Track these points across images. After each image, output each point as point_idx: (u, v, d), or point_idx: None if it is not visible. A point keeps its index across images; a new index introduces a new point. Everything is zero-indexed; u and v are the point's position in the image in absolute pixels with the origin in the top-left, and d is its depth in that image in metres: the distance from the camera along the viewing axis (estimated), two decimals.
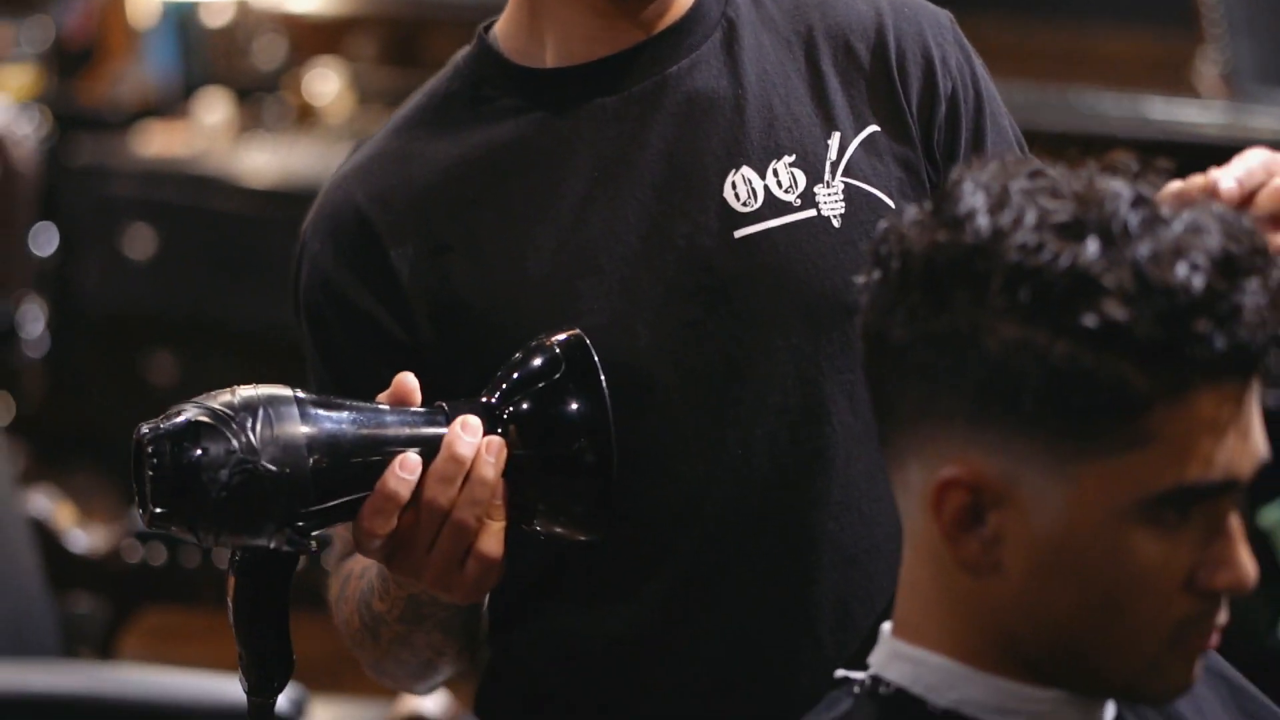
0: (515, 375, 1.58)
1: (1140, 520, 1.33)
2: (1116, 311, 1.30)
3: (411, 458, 1.51)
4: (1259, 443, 1.37)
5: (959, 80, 1.78)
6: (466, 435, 1.53)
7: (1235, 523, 1.37)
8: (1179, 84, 4.52)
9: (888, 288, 1.39)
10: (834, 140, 1.74)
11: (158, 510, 1.47)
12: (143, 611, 3.17)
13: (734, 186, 1.70)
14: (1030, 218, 1.34)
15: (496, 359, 1.61)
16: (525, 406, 1.56)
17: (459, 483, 1.52)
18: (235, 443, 1.46)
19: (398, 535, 1.53)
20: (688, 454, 1.71)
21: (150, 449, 1.47)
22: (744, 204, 1.70)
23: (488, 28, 1.80)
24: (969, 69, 1.80)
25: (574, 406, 1.56)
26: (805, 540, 1.69)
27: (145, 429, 1.48)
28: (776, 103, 1.74)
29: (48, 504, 3.21)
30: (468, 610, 1.71)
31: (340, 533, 1.73)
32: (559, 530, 1.60)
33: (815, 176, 1.71)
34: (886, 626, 1.46)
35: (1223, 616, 1.39)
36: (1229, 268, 1.32)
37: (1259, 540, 3.15)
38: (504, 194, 1.73)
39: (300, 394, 1.52)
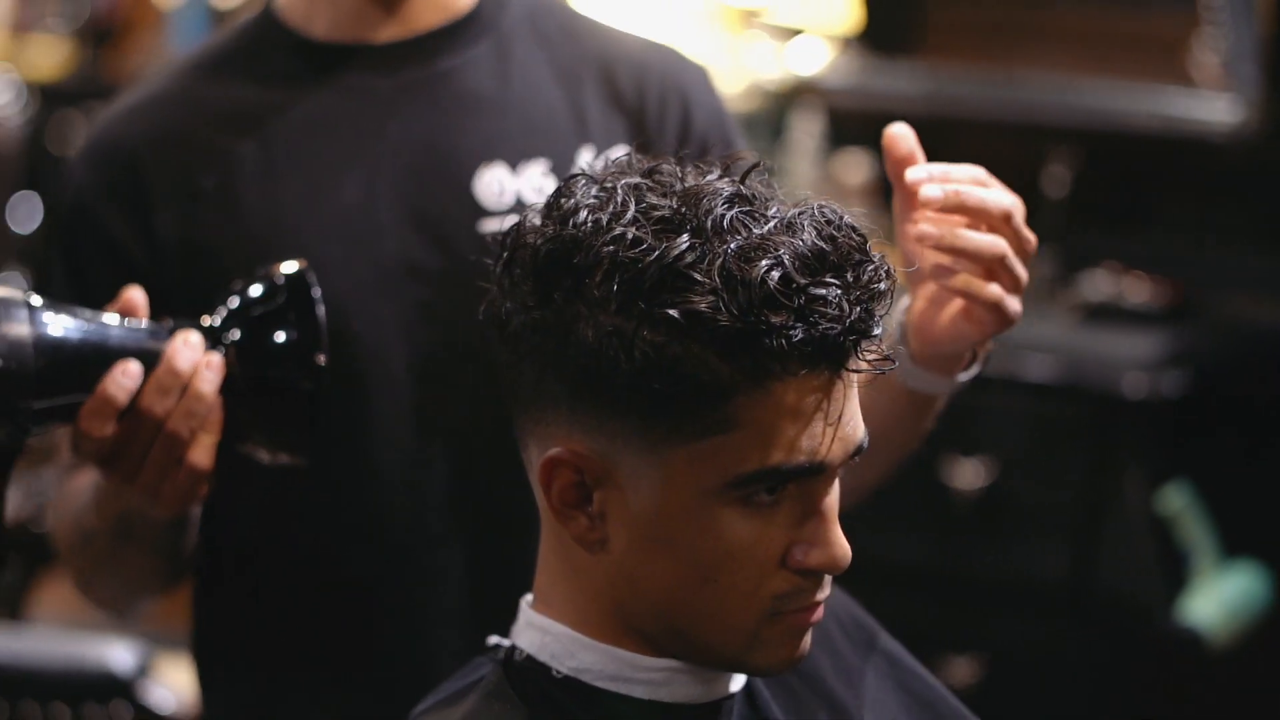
0: (239, 300, 1.67)
1: (729, 500, 1.40)
2: (700, 303, 1.36)
3: (133, 366, 1.59)
4: (852, 430, 1.43)
5: (711, 126, 1.91)
6: (187, 350, 1.61)
7: (829, 504, 1.44)
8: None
9: (506, 278, 1.47)
10: (586, 153, 1.84)
11: None
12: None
13: (485, 182, 1.80)
14: (630, 213, 1.41)
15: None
16: (244, 330, 1.65)
17: (176, 394, 1.60)
18: None
19: (113, 440, 1.61)
20: (407, 425, 1.80)
21: None
22: (494, 200, 1.80)
23: None
24: (722, 119, 1.94)
25: (290, 335, 1.65)
26: (517, 519, 1.76)
27: None
28: (536, 113, 1.85)
29: None
30: (174, 533, 1.80)
31: (64, 449, 1.81)
32: (265, 450, 1.68)
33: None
34: (527, 597, 1.54)
35: (822, 593, 1.46)
36: (812, 265, 1.38)
37: (1157, 526, 3.19)
38: (268, 150, 1.82)
39: (35, 299, 1.59)
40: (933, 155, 3.91)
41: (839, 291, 1.38)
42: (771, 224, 1.40)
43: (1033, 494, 3.30)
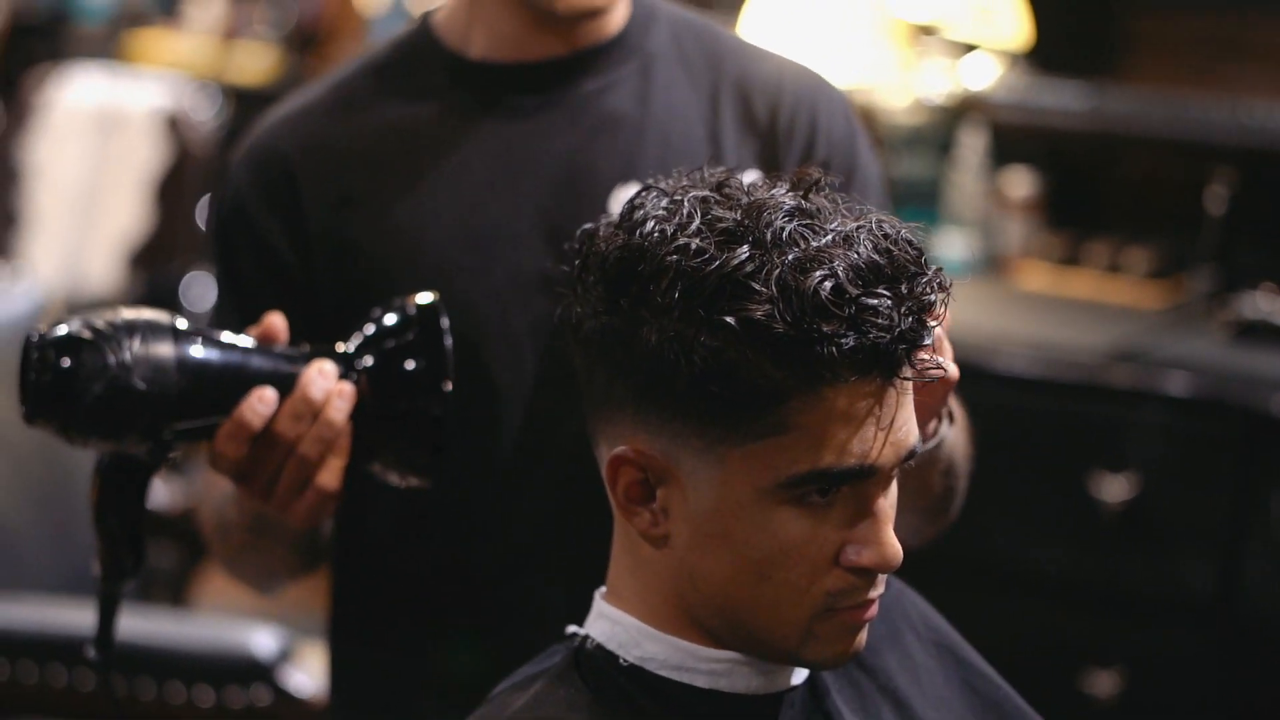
0: (373, 329, 1.76)
1: (784, 500, 1.47)
2: (757, 311, 1.44)
3: (268, 392, 1.70)
4: (904, 435, 1.49)
5: (836, 150, 1.95)
6: (321, 379, 1.71)
7: (882, 506, 1.50)
8: None
9: (579, 284, 1.55)
10: None
11: (33, 411, 1.64)
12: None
13: (620, 200, 1.87)
14: (695, 224, 1.49)
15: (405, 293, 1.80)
16: (376, 359, 1.75)
17: (309, 420, 1.71)
18: (111, 359, 1.62)
19: (248, 460, 1.71)
20: (532, 429, 1.89)
21: (35, 355, 1.63)
22: None
23: (432, 12, 1.99)
24: (850, 143, 1.97)
25: (420, 364, 1.74)
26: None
27: (34, 334, 1.65)
28: (674, 135, 1.92)
29: None
30: (309, 532, 1.91)
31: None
32: (393, 472, 1.78)
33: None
34: (601, 589, 1.62)
35: (875, 591, 1.52)
36: (866, 276, 1.45)
37: None
38: (415, 164, 1.92)
39: (179, 323, 1.69)
40: (1096, 173, 3.94)
41: (890, 302, 1.44)
42: (829, 237, 1.47)
43: (1178, 509, 3.31)
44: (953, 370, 1.63)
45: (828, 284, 1.43)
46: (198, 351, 1.68)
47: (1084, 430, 3.39)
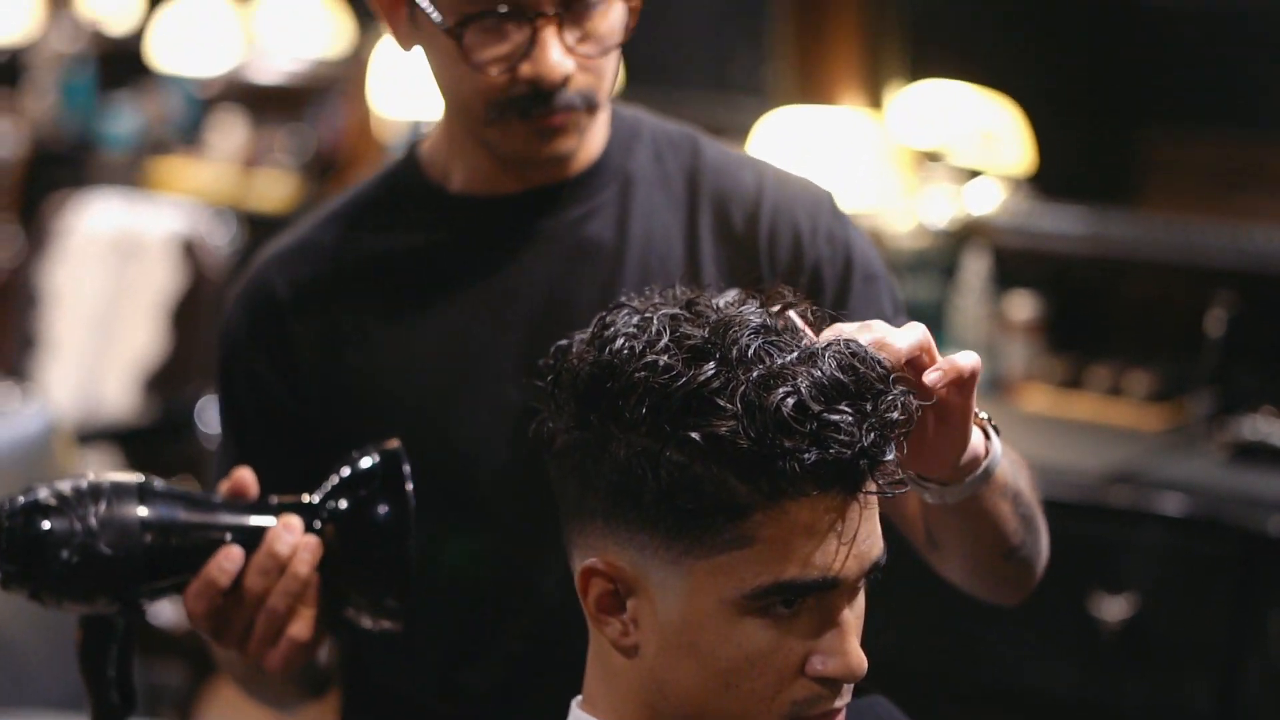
0: (337, 479, 1.81)
1: (749, 611, 1.49)
2: (721, 427, 1.47)
3: (234, 550, 1.75)
4: (868, 548, 1.52)
5: (824, 251, 1.96)
6: (286, 534, 1.76)
7: (847, 617, 1.53)
8: None
9: (552, 400, 1.59)
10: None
11: (3, 577, 1.70)
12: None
13: None
14: (664, 341, 1.52)
15: (373, 440, 1.84)
16: (342, 508, 1.79)
17: (275, 574, 1.76)
18: (77, 525, 1.69)
19: (219, 615, 1.76)
20: (523, 555, 1.93)
21: (5, 523, 1.69)
22: None
23: (419, 142, 2.02)
24: (842, 240, 1.97)
25: (383, 512, 1.78)
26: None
27: (3, 502, 1.71)
28: (654, 259, 1.94)
29: None
30: (305, 668, 1.94)
31: None
32: (365, 616, 1.81)
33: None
34: (577, 698, 1.65)
35: (841, 700, 1.54)
36: (829, 393, 1.48)
37: None
38: (401, 300, 1.95)
39: (146, 482, 1.74)
40: (1098, 297, 3.97)
41: (852, 418, 1.47)
42: (794, 354, 1.50)
43: (1177, 629, 3.32)
44: (968, 364, 1.62)
45: (790, 400, 1.46)
46: (164, 512, 1.73)
47: (1083, 551, 3.40)
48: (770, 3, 4.61)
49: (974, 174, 4.35)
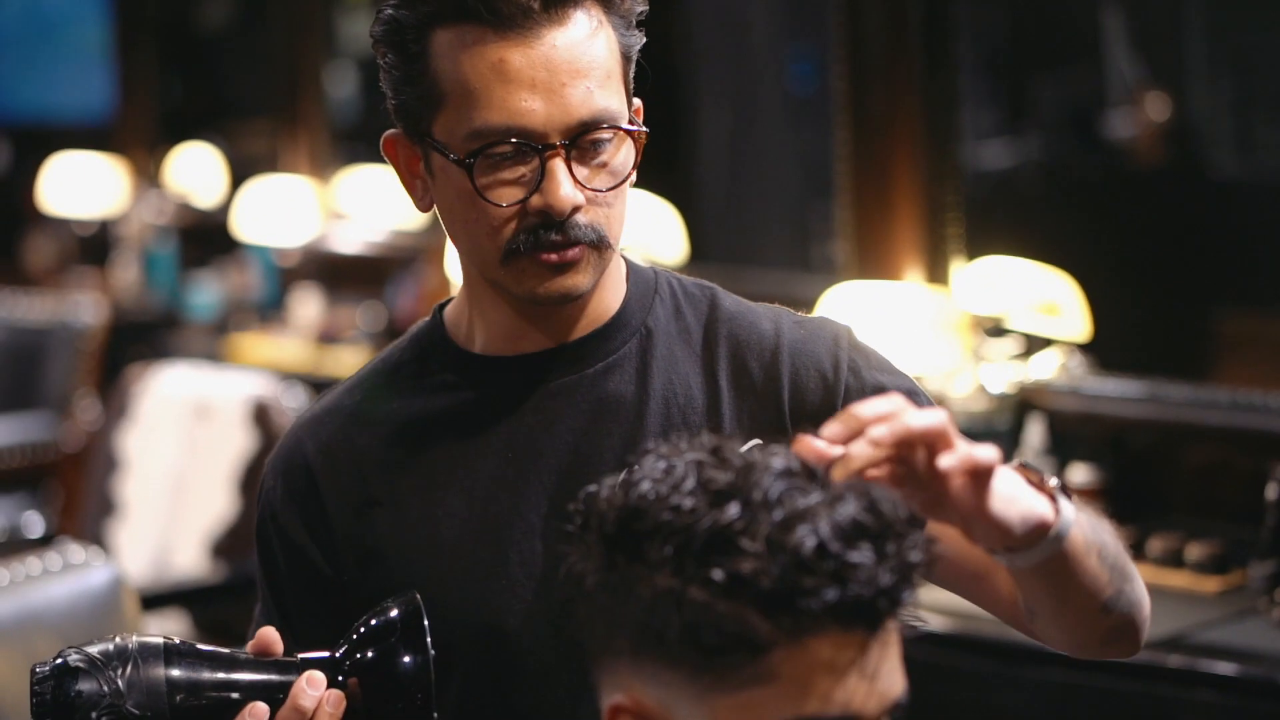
0: (360, 632, 1.85)
1: None
2: (743, 566, 1.52)
3: (260, 707, 1.79)
4: (890, 684, 1.56)
5: (851, 383, 1.99)
6: (310, 689, 1.80)
7: None
8: None
9: (581, 543, 1.64)
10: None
11: None
12: None
13: None
14: (689, 484, 1.57)
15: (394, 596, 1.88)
16: (365, 660, 1.83)
17: None
18: (106, 687, 1.75)
19: None
20: (554, 709, 1.97)
21: (36, 686, 1.76)
22: None
23: (445, 304, 2.08)
24: (867, 369, 2.00)
25: (406, 662, 1.82)
26: None
27: (36, 667, 1.77)
28: (675, 411, 1.98)
29: None
30: None
31: None
32: None
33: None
34: None
35: None
36: (849, 533, 1.52)
37: None
38: (429, 461, 2.00)
39: (172, 643, 1.80)
40: (1157, 461, 3.98)
41: (872, 559, 1.52)
42: (817, 496, 1.55)
43: None
44: (985, 457, 1.65)
45: (810, 541, 1.50)
46: (190, 671, 1.78)
47: (1140, 713, 3.41)
48: (838, 183, 4.69)
49: (1034, 343, 4.39)
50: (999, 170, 5.96)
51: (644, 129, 1.96)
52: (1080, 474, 4.07)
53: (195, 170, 7.95)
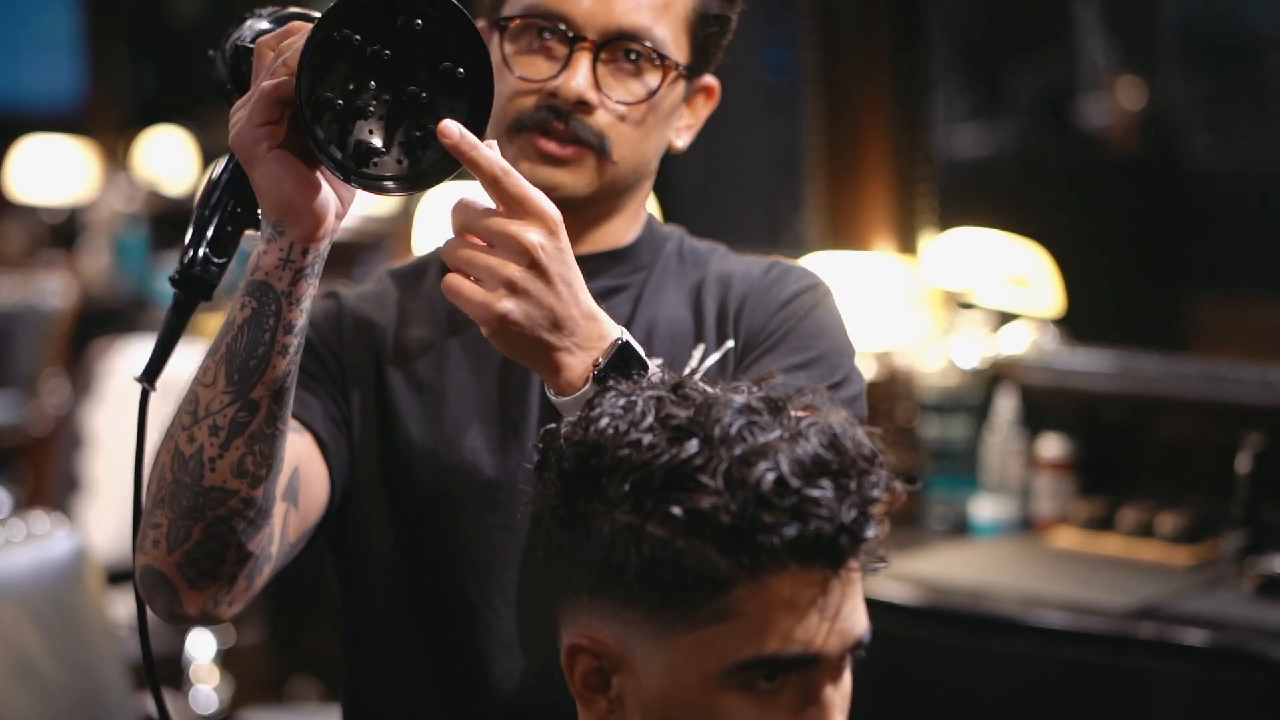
0: None
1: (731, 686, 1.51)
2: (703, 502, 1.50)
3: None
4: (853, 623, 1.54)
5: (774, 327, 2.06)
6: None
7: (829, 694, 1.54)
8: None
9: (540, 479, 1.62)
10: (698, 352, 2.04)
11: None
12: None
13: None
14: (648, 420, 1.55)
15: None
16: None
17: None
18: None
19: None
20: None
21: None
22: None
23: None
24: (793, 321, 2.06)
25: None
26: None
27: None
28: (661, 323, 2.07)
29: None
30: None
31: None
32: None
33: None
34: None
35: None
36: (809, 469, 1.50)
37: None
38: (443, 339, 2.08)
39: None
40: (1129, 433, 3.99)
41: (833, 494, 1.50)
42: (777, 433, 1.53)
43: None
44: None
45: (770, 475, 1.49)
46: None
47: (1111, 683, 3.40)
48: (808, 156, 4.69)
49: (1005, 317, 4.39)
50: (973, 158, 5.96)
51: (682, 67, 2.05)
52: (1053, 447, 4.06)
53: (165, 156, 7.93)
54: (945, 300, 4.38)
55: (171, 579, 1.83)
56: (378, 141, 1.73)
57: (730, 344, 2.04)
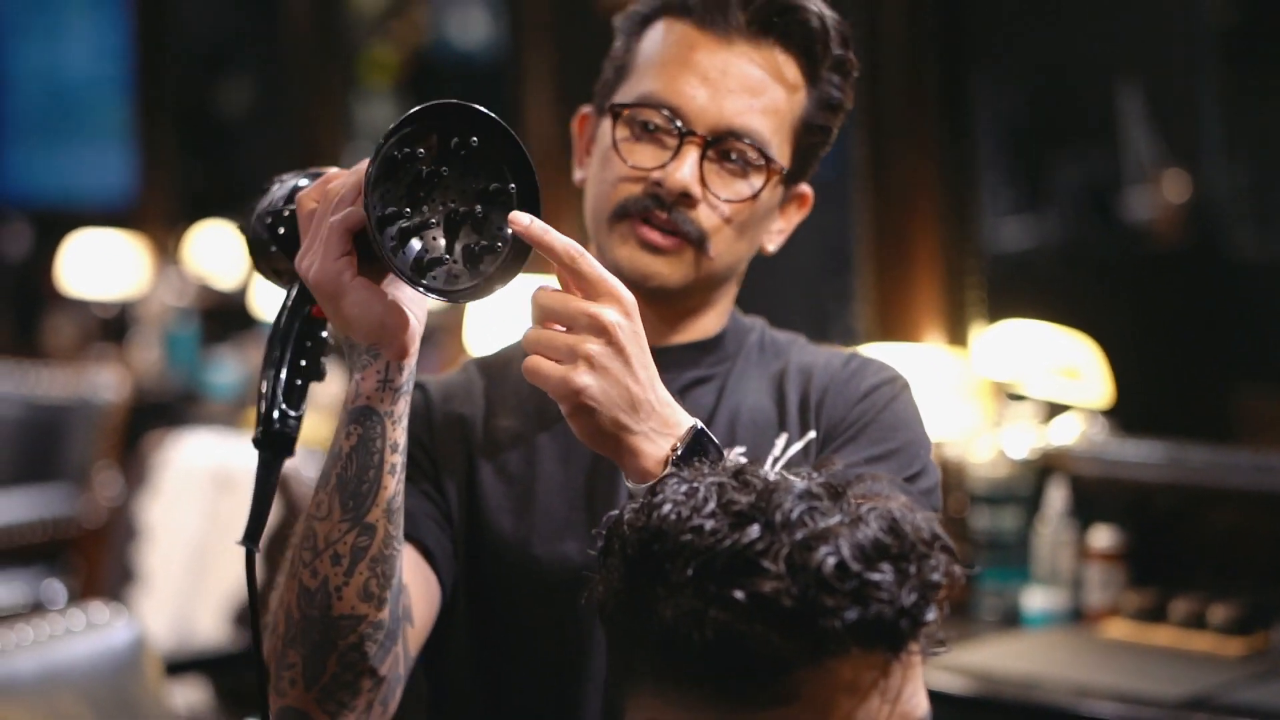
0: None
1: None
2: (765, 586, 1.51)
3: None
4: (913, 706, 1.55)
5: (854, 419, 2.08)
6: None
7: None
8: None
9: (604, 565, 1.64)
10: (780, 440, 2.07)
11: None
12: None
13: None
14: (710, 506, 1.57)
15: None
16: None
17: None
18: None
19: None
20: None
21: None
22: None
23: None
24: (870, 414, 2.09)
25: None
26: None
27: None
28: (744, 412, 2.09)
29: None
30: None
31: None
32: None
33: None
34: None
35: None
36: (870, 554, 1.52)
37: None
38: (534, 430, 2.11)
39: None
40: (1179, 524, 3.98)
41: (893, 579, 1.51)
42: (837, 517, 1.55)
43: None
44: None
45: (831, 560, 1.50)
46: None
47: None
48: (858, 249, 4.71)
49: (1054, 408, 4.40)
50: (1018, 250, 5.97)
51: (782, 167, 2.09)
52: (1103, 537, 4.06)
53: (215, 250, 7.99)
54: (995, 391, 4.40)
55: (313, 716, 1.87)
56: (442, 253, 1.79)
57: (813, 434, 2.07)
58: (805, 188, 2.17)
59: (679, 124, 2.03)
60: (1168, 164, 5.70)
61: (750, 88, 2.04)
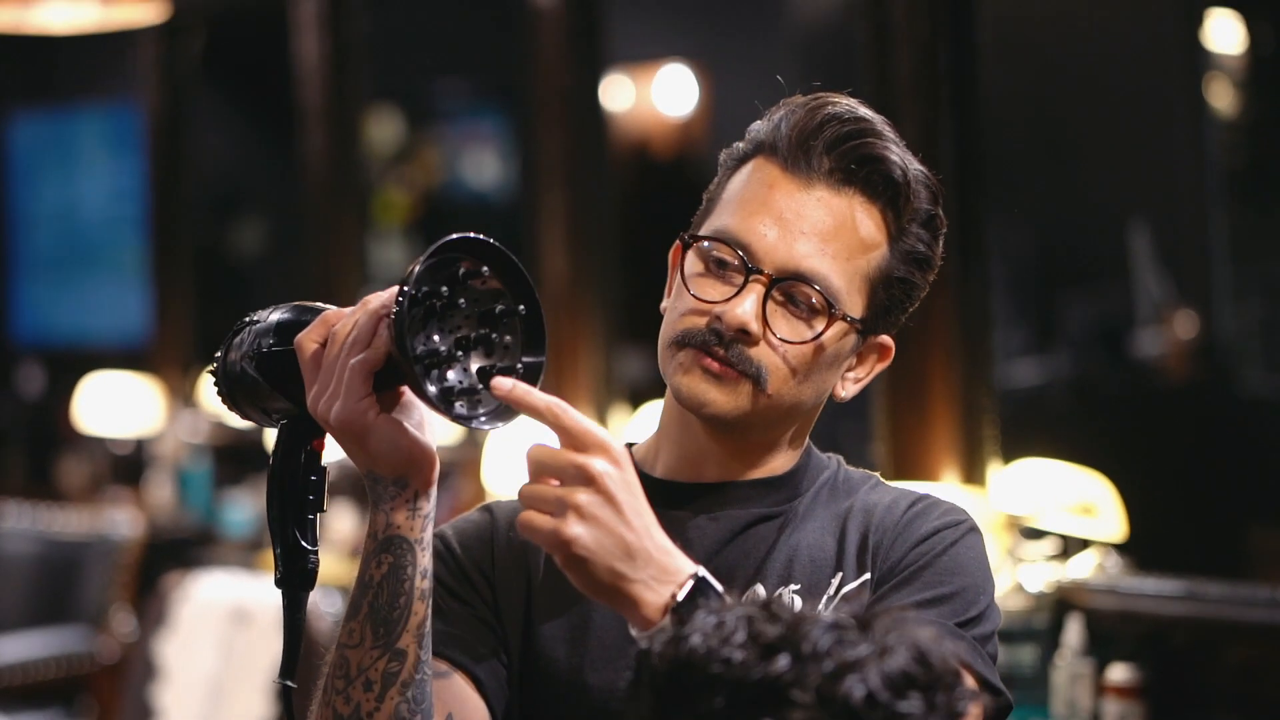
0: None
1: None
2: (794, 716, 1.53)
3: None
4: None
5: (911, 560, 2.06)
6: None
7: None
8: None
9: (634, 696, 1.66)
10: (836, 579, 2.07)
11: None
12: None
13: (746, 597, 2.04)
14: (739, 637, 1.59)
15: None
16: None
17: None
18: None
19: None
20: None
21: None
22: None
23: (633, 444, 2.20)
24: (937, 556, 2.06)
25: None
26: None
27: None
28: (803, 549, 2.09)
29: None
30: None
31: None
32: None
33: (812, 605, 2.04)
34: None
35: None
36: (898, 684, 1.54)
37: None
38: None
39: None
40: (1196, 659, 3.98)
41: (922, 709, 1.53)
42: (865, 648, 1.57)
43: None
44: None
45: (859, 690, 1.52)
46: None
47: None
48: (872, 390, 4.74)
49: (1069, 543, 4.41)
50: (1029, 388, 5.99)
51: (855, 321, 2.08)
52: (1120, 673, 4.06)
53: None
54: (1010, 528, 4.41)
55: None
56: (464, 380, 1.84)
57: (867, 576, 2.06)
58: (886, 339, 2.15)
59: (747, 260, 2.03)
60: (1177, 302, 5.73)
61: (823, 233, 2.04)
